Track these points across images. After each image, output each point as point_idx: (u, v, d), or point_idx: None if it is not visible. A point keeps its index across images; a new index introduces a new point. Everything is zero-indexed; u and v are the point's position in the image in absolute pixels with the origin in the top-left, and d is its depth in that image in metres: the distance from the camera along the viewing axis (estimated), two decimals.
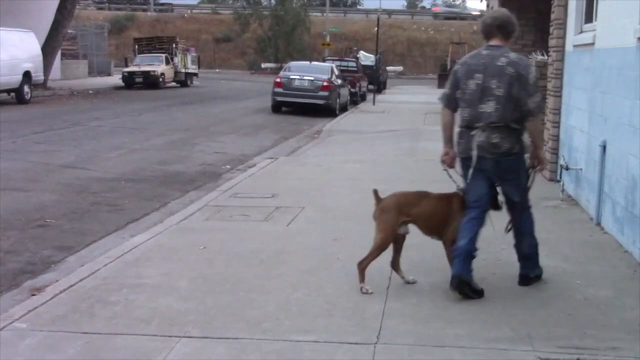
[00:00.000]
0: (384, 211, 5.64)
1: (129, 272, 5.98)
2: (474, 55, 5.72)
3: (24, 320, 4.87)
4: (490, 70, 5.50)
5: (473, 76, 5.55)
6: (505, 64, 5.49)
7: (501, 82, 5.45)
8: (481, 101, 5.50)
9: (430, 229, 5.79)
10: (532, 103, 5.44)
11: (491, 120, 5.46)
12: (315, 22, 65.64)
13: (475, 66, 5.58)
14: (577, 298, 5.48)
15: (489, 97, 5.47)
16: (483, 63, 5.55)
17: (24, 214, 8.52)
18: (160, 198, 9.73)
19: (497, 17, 5.76)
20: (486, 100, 5.48)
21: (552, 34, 10.80)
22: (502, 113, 5.45)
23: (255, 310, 5.10)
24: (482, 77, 5.51)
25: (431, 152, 13.85)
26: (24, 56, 25.26)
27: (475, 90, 5.53)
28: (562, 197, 9.16)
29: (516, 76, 5.44)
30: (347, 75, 30.05)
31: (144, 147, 14.76)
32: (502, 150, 5.48)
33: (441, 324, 4.89)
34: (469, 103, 5.57)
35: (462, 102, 5.63)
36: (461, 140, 5.68)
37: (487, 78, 5.49)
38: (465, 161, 5.63)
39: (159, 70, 36.68)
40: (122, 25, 70.11)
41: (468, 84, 5.57)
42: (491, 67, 5.51)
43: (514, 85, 5.43)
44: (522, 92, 5.42)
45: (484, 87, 5.49)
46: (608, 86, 7.73)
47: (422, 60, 67.86)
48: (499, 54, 5.55)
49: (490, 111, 5.47)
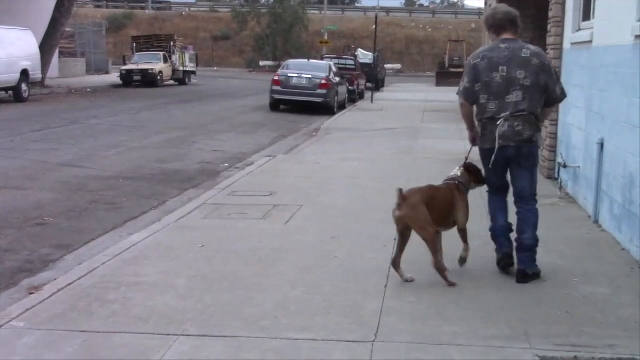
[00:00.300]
0: (415, 208, 5.67)
1: (127, 270, 5.98)
2: (493, 48, 5.87)
3: (21, 319, 4.87)
4: (515, 61, 5.73)
5: (497, 69, 5.74)
6: (530, 56, 5.76)
7: (528, 72, 5.71)
8: (508, 92, 5.72)
9: (441, 220, 5.87)
10: (559, 89, 5.87)
11: (520, 108, 5.71)
12: (313, 20, 65.66)
13: (498, 59, 5.77)
14: (574, 296, 5.49)
15: (516, 87, 5.71)
16: (505, 56, 5.76)
17: (22, 213, 8.52)
18: (159, 196, 9.73)
19: (509, 12, 5.99)
20: (513, 91, 5.71)
21: (550, 32, 10.81)
22: (531, 102, 5.74)
23: (253, 309, 5.10)
24: (507, 69, 5.72)
25: (429, 150, 13.89)
26: (22, 54, 25.23)
27: (501, 82, 5.73)
28: (560, 195, 9.17)
29: (541, 66, 5.75)
30: (345, 73, 30.05)
31: (142, 146, 14.75)
32: (524, 137, 5.74)
33: (439, 321, 4.90)
34: (496, 95, 5.76)
35: (485, 94, 5.80)
36: (485, 132, 5.88)
37: (513, 69, 5.71)
38: (491, 151, 5.84)
39: (157, 69, 36.67)
40: (120, 24, 70.11)
41: (493, 76, 5.76)
42: (515, 58, 5.74)
43: (540, 75, 5.73)
44: (550, 81, 5.78)
45: (510, 78, 5.71)
46: (606, 84, 7.74)
47: (420, 58, 67.92)
48: (519, 46, 5.81)
49: (518, 100, 5.72)
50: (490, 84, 5.76)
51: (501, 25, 5.93)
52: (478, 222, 7.80)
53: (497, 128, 5.73)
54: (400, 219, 5.71)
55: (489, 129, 5.82)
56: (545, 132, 10.86)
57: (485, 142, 5.90)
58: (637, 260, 6.31)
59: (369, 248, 6.68)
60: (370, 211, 8.29)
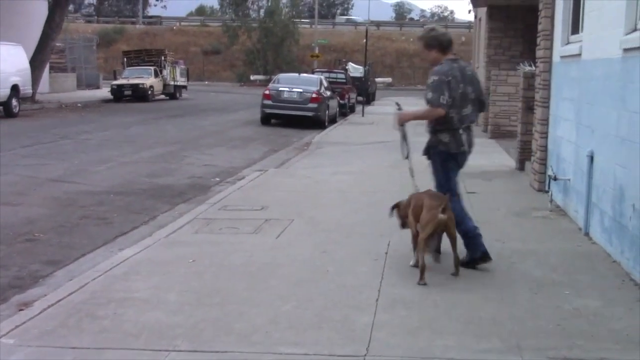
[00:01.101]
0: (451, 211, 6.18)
1: (117, 286, 5.96)
2: (452, 67, 6.53)
3: (11, 335, 4.84)
4: (465, 78, 6.54)
5: (459, 85, 6.46)
6: (472, 73, 6.78)
7: (473, 87, 6.59)
8: (463, 105, 6.50)
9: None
10: (486, 100, 6.91)
11: (471, 119, 6.64)
12: (304, 34, 65.87)
13: (458, 76, 6.49)
14: (566, 308, 5.49)
15: (467, 102, 6.53)
16: (461, 73, 6.52)
17: (11, 228, 8.48)
18: (149, 211, 9.70)
19: (448, 33, 6.82)
20: (466, 105, 6.51)
21: (540, 45, 10.87)
22: (475, 114, 6.72)
23: (244, 323, 5.08)
24: (463, 86, 6.48)
25: (421, 164, 13.87)
26: (12, 70, 25.19)
27: (460, 97, 6.47)
28: (550, 208, 9.19)
29: (478, 81, 6.77)
30: (336, 87, 30.12)
31: (133, 160, 14.73)
32: (473, 145, 6.75)
33: (430, 335, 4.89)
34: (458, 108, 6.47)
35: (453, 107, 6.44)
36: (452, 139, 6.56)
37: (466, 85, 6.51)
38: (454, 156, 6.64)
39: (148, 83, 36.67)
40: (110, 38, 70.19)
41: (457, 91, 6.45)
42: (465, 75, 6.55)
43: (479, 89, 6.71)
44: (483, 95, 6.83)
45: (464, 93, 6.49)
46: (595, 97, 7.78)
47: (411, 71, 68.13)
48: (463, 64, 6.68)
49: (469, 113, 6.57)
50: (456, 98, 6.43)
51: (447, 45, 6.63)
52: None
53: (462, 136, 6.54)
54: (444, 221, 6.10)
55: (455, 137, 6.54)
56: (535, 145, 10.91)
57: (452, 148, 6.58)
58: (628, 273, 6.32)
59: (360, 262, 6.68)
60: (362, 225, 8.29)
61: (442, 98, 6.36)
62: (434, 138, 6.64)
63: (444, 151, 6.60)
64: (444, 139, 6.57)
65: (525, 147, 12.27)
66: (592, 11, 8.11)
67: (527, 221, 8.66)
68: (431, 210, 6.10)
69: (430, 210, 6.11)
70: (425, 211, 6.14)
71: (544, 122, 10.46)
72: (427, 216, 6.11)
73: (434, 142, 6.65)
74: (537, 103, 10.92)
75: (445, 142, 6.56)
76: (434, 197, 6.27)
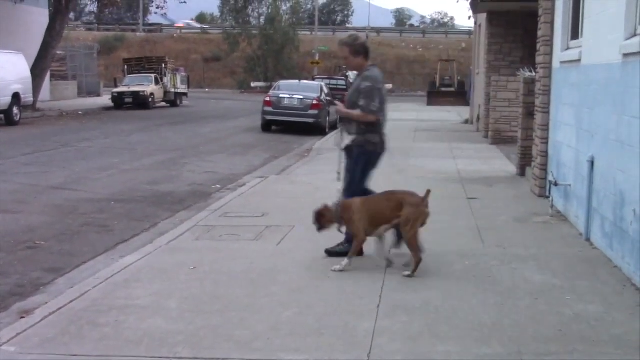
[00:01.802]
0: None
1: (118, 293, 5.96)
2: (379, 73, 7.22)
3: (12, 343, 4.84)
4: (383, 84, 7.21)
5: (382, 91, 7.11)
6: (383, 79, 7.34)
7: (384, 94, 7.17)
8: (383, 110, 7.09)
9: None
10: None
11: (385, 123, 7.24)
12: (304, 41, 65.93)
13: (382, 82, 7.19)
14: (567, 313, 5.49)
15: (385, 106, 7.14)
16: (382, 79, 7.20)
17: (12, 236, 8.49)
18: (150, 218, 9.70)
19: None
20: (383, 109, 7.11)
21: (539, 51, 10.89)
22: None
23: (245, 330, 5.08)
24: (384, 91, 7.15)
25: (421, 169, 13.91)
26: (13, 78, 25.23)
27: (384, 101, 7.10)
28: (551, 213, 9.19)
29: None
30: (337, 93, 30.12)
31: (133, 168, 14.74)
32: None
33: (432, 341, 4.89)
34: (383, 112, 7.12)
35: (380, 112, 7.04)
36: (380, 140, 7.12)
37: (383, 91, 7.12)
38: (379, 156, 7.17)
39: (149, 91, 36.70)
40: (111, 46, 70.25)
41: (383, 96, 7.10)
42: (383, 82, 7.23)
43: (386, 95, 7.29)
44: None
45: (382, 99, 7.07)
46: (595, 102, 7.78)
47: (412, 77, 68.20)
48: (379, 71, 7.28)
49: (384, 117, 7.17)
50: (382, 103, 7.06)
51: (369, 53, 7.23)
52: (471, 242, 7.84)
53: (385, 138, 7.17)
54: (427, 216, 6.56)
55: (382, 139, 7.13)
56: (535, 150, 10.91)
57: (379, 148, 7.11)
58: (629, 278, 6.31)
59: (361, 268, 6.67)
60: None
61: (373, 105, 6.96)
62: (361, 138, 7.04)
63: (372, 151, 7.08)
64: (373, 140, 7.07)
65: (526, 152, 12.28)
66: (591, 17, 8.13)
67: (528, 227, 8.65)
68: (418, 206, 6.48)
69: (417, 206, 6.48)
70: (411, 208, 6.45)
71: (545, 127, 10.47)
72: (415, 212, 6.44)
73: (361, 142, 7.04)
74: (537, 108, 10.93)
75: (374, 142, 7.07)
76: (413, 195, 6.65)
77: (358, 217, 6.58)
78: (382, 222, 6.57)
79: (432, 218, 6.65)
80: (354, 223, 6.61)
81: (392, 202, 6.57)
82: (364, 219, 6.57)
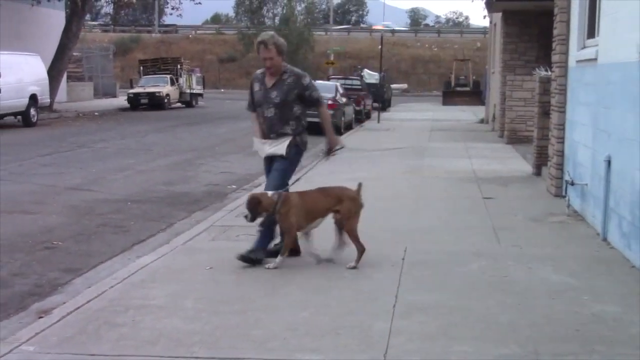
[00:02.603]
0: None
1: (135, 293, 5.99)
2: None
3: (31, 342, 4.88)
4: None
5: None
6: None
7: None
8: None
9: None
10: None
11: None
12: (319, 41, 65.97)
13: None
14: (584, 314, 5.46)
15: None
16: None
17: (30, 237, 8.55)
18: (166, 219, 9.74)
19: None
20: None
21: (555, 50, 10.84)
22: None
23: (261, 330, 5.09)
24: None
25: (436, 169, 13.89)
26: (31, 79, 25.42)
27: None
28: (567, 213, 9.15)
29: None
30: (352, 93, 30.11)
31: (149, 168, 14.80)
32: None
33: (448, 341, 4.88)
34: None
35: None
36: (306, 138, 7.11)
37: None
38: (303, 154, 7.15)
39: (164, 91, 36.83)
40: (127, 47, 70.58)
41: None
42: None
43: None
44: None
45: None
46: (611, 101, 7.74)
47: (427, 77, 68.08)
48: None
49: None
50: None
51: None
52: (486, 242, 7.82)
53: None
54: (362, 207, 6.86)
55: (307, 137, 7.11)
56: (551, 150, 10.87)
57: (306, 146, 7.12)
58: None
59: (377, 268, 6.67)
60: (378, 231, 8.27)
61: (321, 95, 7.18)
62: (298, 138, 6.97)
63: (303, 151, 7.12)
64: (305, 139, 7.09)
65: (542, 152, 12.23)
66: (608, 15, 8.08)
67: (544, 226, 8.62)
68: (355, 200, 6.77)
69: (355, 200, 6.77)
70: (350, 201, 6.73)
71: (561, 127, 10.43)
72: (355, 206, 6.74)
73: (298, 142, 6.98)
74: (553, 108, 10.89)
75: (305, 141, 7.10)
76: (348, 189, 6.89)
77: (294, 211, 6.63)
78: (318, 215, 6.75)
79: (448, 217, 6.66)
80: (289, 218, 6.64)
81: (330, 197, 6.77)
82: (299, 214, 6.64)
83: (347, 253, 6.81)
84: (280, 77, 6.96)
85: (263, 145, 7.01)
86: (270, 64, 6.91)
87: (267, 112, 6.94)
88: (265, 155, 7.07)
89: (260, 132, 7.04)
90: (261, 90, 7.03)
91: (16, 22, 31.84)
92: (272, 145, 6.95)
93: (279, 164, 6.96)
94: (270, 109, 6.92)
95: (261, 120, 7.03)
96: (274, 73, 6.96)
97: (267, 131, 6.97)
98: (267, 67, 6.94)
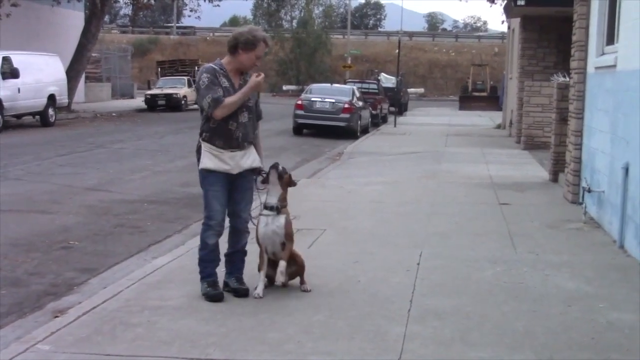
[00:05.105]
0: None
1: (150, 294, 6.01)
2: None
3: (47, 342, 4.91)
4: None
5: None
6: None
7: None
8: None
9: None
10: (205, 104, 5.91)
11: None
12: (336, 45, 65.97)
13: None
14: (600, 322, 5.43)
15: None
16: None
17: (47, 236, 8.60)
18: (183, 220, 9.77)
19: None
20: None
21: (574, 56, 10.80)
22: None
23: (276, 333, 5.10)
24: None
25: (453, 174, 13.86)
26: (49, 80, 25.61)
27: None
28: (584, 220, 9.10)
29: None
30: (369, 97, 30.08)
31: (166, 169, 14.86)
32: None
33: (463, 347, 4.87)
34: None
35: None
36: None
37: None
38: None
39: (182, 93, 36.92)
40: (145, 49, 70.88)
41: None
42: None
43: None
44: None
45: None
46: (630, 108, 7.70)
47: (444, 82, 67.97)
48: None
49: None
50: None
51: None
52: (502, 248, 7.79)
53: None
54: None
55: None
56: (569, 156, 10.82)
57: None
58: None
59: (393, 272, 6.67)
60: (394, 236, 8.28)
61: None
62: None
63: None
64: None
65: (559, 158, 12.17)
66: (628, 22, 8.04)
67: (560, 233, 8.58)
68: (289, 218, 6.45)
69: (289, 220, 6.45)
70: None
71: (578, 133, 10.38)
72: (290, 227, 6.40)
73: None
74: (571, 114, 10.84)
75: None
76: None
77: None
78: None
79: (464, 223, 6.64)
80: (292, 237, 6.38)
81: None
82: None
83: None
84: (244, 77, 5.99)
85: (235, 158, 5.98)
86: (258, 63, 5.97)
87: (241, 117, 5.89)
88: (240, 171, 6.05)
89: (231, 142, 5.92)
90: (230, 89, 5.85)
91: (36, 23, 32.06)
92: (246, 157, 6.02)
93: (249, 180, 6.21)
94: (244, 113, 5.93)
95: (233, 127, 5.88)
96: (242, 72, 5.98)
97: (242, 139, 5.92)
98: (256, 65, 5.95)
